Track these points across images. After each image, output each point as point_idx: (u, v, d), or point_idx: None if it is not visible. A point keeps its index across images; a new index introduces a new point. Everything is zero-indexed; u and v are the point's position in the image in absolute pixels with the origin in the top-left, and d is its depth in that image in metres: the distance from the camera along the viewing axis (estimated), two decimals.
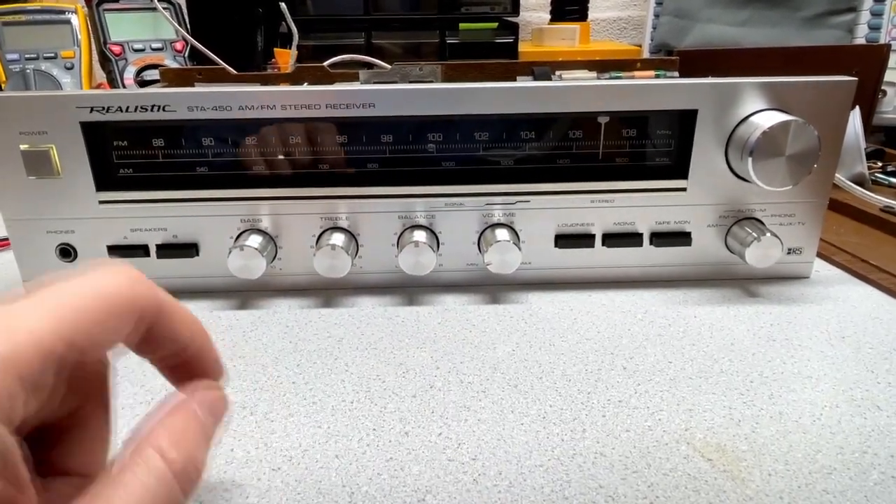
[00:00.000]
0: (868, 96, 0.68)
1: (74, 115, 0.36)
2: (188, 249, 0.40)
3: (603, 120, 0.39)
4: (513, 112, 0.37)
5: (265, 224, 0.39)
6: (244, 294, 0.41)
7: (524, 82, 0.38)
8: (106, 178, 0.38)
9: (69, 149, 0.37)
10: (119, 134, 0.38)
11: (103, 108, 0.36)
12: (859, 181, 0.55)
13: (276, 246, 0.40)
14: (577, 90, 0.37)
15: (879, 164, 0.62)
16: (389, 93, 0.37)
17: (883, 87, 0.69)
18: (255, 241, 0.38)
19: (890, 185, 0.58)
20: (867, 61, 0.67)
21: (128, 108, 0.36)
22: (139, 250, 0.40)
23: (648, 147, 0.40)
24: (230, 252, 0.38)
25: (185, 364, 0.21)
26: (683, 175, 0.39)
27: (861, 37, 0.73)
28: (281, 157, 0.39)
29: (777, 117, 0.36)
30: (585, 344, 0.34)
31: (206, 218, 0.39)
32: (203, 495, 0.24)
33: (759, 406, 0.29)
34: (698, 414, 0.28)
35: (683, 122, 0.38)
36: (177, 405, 0.19)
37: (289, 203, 0.39)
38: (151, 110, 0.37)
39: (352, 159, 0.39)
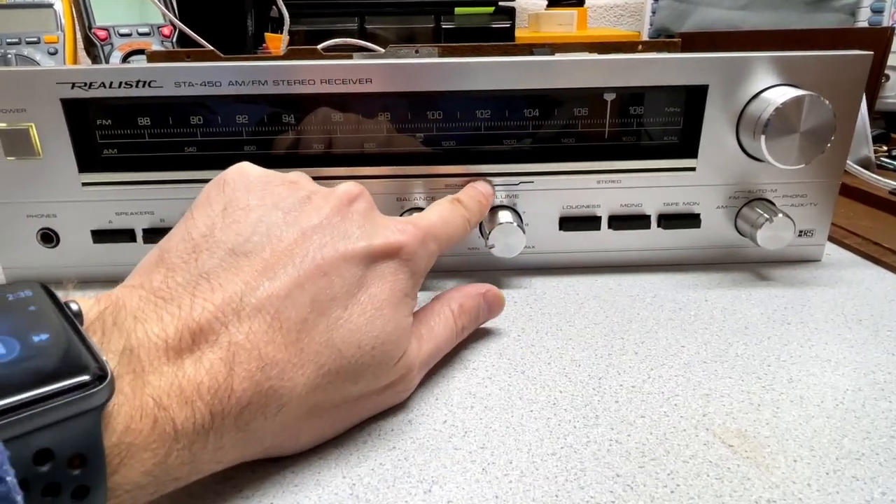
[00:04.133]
0: (871, 80, 0.67)
1: (55, 92, 0.35)
2: None
3: (609, 97, 0.37)
4: (516, 88, 0.36)
5: None
6: None
7: (527, 57, 0.37)
8: (89, 159, 0.37)
9: (50, 128, 0.35)
10: (103, 112, 0.36)
11: (85, 85, 0.35)
12: (865, 165, 0.54)
13: None
14: (582, 65, 0.36)
15: (885, 148, 0.61)
16: (387, 67, 0.35)
17: (886, 72, 0.68)
18: None
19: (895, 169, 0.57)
20: (870, 45, 0.65)
21: (111, 84, 0.35)
22: (125, 235, 0.38)
23: (656, 125, 0.38)
24: None
25: None
26: (692, 154, 0.38)
27: (864, 20, 0.72)
28: (273, 135, 0.37)
29: (791, 92, 0.35)
30: (594, 328, 0.33)
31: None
32: (193, 488, 0.22)
33: (778, 390, 0.28)
34: (716, 399, 0.27)
35: (692, 99, 0.37)
36: (474, 294, 0.31)
37: None
38: (137, 86, 0.35)
39: (347, 138, 0.37)
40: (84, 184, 0.37)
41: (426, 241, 0.27)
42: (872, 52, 0.36)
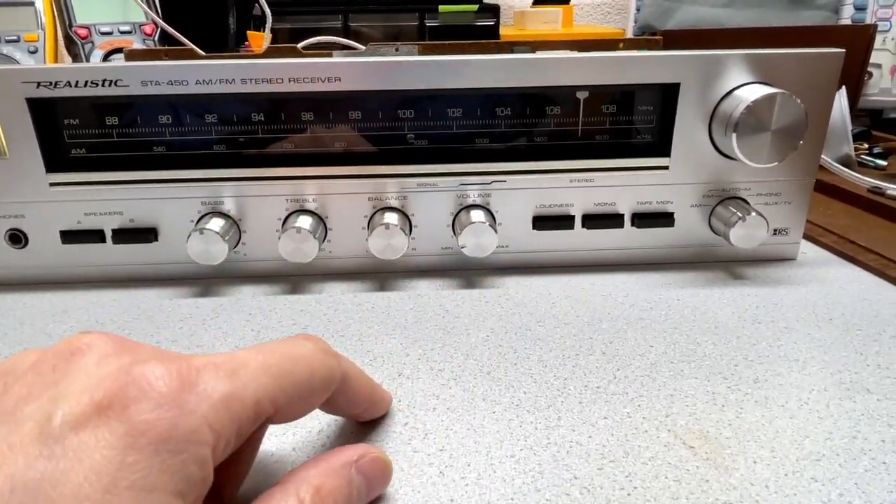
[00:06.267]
0: (854, 78, 0.67)
1: (20, 91, 0.34)
2: (146, 234, 0.37)
3: (582, 95, 0.37)
4: (488, 86, 0.36)
5: (227, 207, 0.37)
6: (205, 281, 0.39)
7: (499, 55, 0.36)
8: (56, 159, 0.36)
9: (16, 127, 0.35)
10: (69, 111, 0.36)
11: (51, 84, 0.34)
12: (845, 163, 0.54)
13: (239, 230, 0.38)
14: (555, 62, 0.35)
15: (865, 145, 0.61)
16: (356, 66, 0.35)
17: (869, 69, 0.68)
18: (216, 224, 0.36)
19: (876, 167, 0.57)
20: (853, 42, 0.65)
21: (77, 83, 0.34)
22: (94, 236, 0.37)
23: (629, 123, 0.38)
24: (190, 236, 0.36)
25: (360, 414, 0.25)
26: (666, 153, 0.37)
27: (847, 17, 0.72)
28: (243, 135, 0.37)
29: (762, 90, 0.34)
30: (563, 329, 0.33)
31: (165, 201, 0.37)
32: None
33: (743, 390, 0.28)
34: (680, 399, 0.27)
35: (665, 97, 0.37)
36: (339, 468, 0.20)
37: (252, 184, 0.37)
38: (103, 85, 0.34)
39: (319, 137, 0.37)
40: (52, 184, 0.36)
41: (199, 384, 0.17)
42: (844, 50, 0.36)
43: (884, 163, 0.57)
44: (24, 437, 0.15)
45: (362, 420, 0.25)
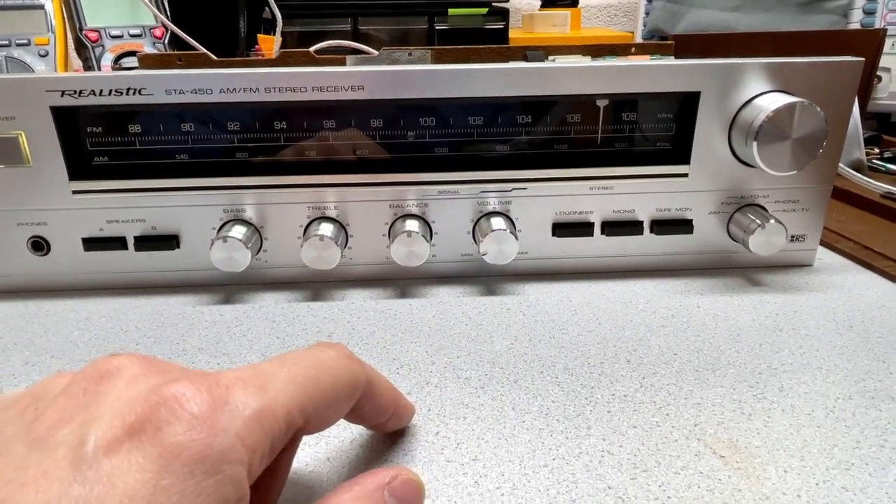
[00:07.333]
0: (863, 82, 0.67)
1: (44, 100, 0.34)
2: (168, 242, 0.38)
3: (602, 103, 0.37)
4: (508, 95, 0.36)
5: (249, 214, 0.37)
6: (228, 288, 0.39)
7: (521, 63, 0.37)
8: (80, 167, 0.36)
9: (40, 135, 0.35)
10: (93, 119, 0.36)
11: (75, 92, 0.34)
12: (857, 168, 0.54)
13: (261, 237, 0.38)
14: (574, 71, 0.36)
15: (876, 150, 0.61)
16: (379, 74, 0.35)
17: (878, 73, 0.68)
18: (238, 231, 0.36)
19: (888, 172, 0.57)
20: (862, 46, 0.66)
21: (101, 91, 0.34)
22: (116, 243, 0.38)
23: (649, 131, 0.38)
24: (212, 244, 0.36)
25: (385, 424, 0.24)
26: (685, 160, 0.38)
27: (856, 21, 0.72)
28: (265, 142, 0.37)
29: (782, 99, 0.35)
30: (586, 336, 0.33)
31: (187, 208, 0.37)
32: None
33: (769, 399, 0.28)
34: (707, 408, 0.27)
35: (685, 105, 0.37)
36: (371, 491, 0.19)
37: (274, 192, 0.37)
38: (127, 94, 0.35)
39: (340, 145, 0.37)
40: (75, 192, 0.36)
41: (230, 402, 0.17)
42: (864, 59, 0.36)
43: None
44: (58, 463, 0.15)
45: (387, 430, 0.26)
